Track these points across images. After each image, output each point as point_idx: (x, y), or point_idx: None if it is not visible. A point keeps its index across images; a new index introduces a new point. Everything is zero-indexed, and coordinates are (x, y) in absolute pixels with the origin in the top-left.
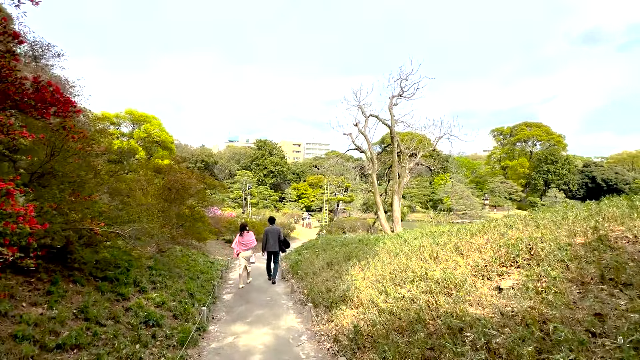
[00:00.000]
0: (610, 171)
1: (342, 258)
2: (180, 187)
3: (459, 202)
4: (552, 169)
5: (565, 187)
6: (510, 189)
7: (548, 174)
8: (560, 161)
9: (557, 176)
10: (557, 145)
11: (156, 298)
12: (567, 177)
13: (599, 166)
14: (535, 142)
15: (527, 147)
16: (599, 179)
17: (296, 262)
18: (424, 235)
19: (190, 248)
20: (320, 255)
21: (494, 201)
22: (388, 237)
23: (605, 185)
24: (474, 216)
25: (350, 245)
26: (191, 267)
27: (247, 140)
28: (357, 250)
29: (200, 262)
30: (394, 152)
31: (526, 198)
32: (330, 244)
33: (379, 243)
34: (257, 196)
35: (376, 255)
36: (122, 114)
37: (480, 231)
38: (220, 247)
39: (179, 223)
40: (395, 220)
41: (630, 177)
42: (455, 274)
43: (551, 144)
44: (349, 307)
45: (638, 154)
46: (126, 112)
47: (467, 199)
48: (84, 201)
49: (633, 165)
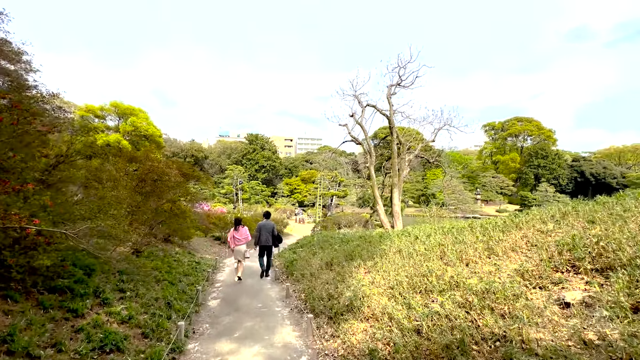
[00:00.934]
0: (598, 166)
1: (344, 258)
2: (157, 178)
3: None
4: (543, 164)
5: (555, 182)
6: (502, 184)
7: (539, 169)
8: (550, 156)
9: (547, 171)
10: (547, 140)
11: (122, 312)
12: (557, 171)
13: (588, 161)
14: (526, 137)
15: (518, 142)
16: (587, 173)
17: (291, 261)
18: (439, 231)
19: (174, 246)
20: (318, 254)
21: (485, 195)
22: (395, 234)
23: (594, 179)
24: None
25: (351, 242)
26: (173, 269)
27: (238, 135)
28: (360, 249)
29: (184, 263)
30: (392, 143)
31: (517, 192)
32: (328, 242)
33: (386, 241)
34: (248, 191)
35: (384, 255)
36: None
37: (512, 226)
38: (209, 244)
39: (158, 220)
40: (395, 215)
41: (617, 171)
42: (499, 281)
43: (541, 138)
44: (358, 320)
45: (624, 149)
46: (111, 104)
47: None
48: (11, 192)
49: (619, 160)
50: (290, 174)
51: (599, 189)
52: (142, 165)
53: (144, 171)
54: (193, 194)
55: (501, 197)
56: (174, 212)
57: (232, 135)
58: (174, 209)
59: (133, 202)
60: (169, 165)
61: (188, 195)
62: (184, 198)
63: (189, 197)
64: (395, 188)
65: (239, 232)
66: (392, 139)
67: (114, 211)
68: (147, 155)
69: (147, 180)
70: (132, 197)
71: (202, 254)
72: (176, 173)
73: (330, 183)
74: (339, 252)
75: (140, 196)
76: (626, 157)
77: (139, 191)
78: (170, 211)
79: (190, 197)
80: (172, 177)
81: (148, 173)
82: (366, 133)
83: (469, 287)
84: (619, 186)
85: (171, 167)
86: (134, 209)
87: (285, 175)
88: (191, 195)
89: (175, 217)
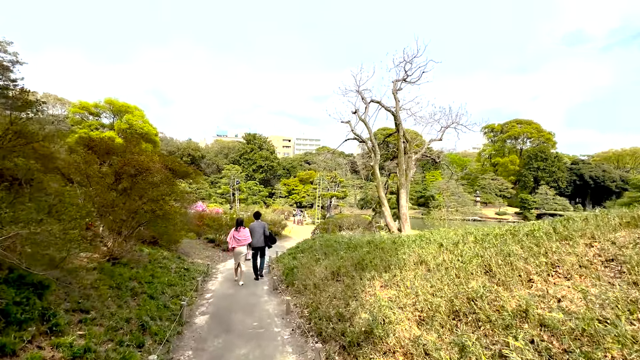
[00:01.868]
0: (597, 169)
1: (353, 267)
2: (135, 173)
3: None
4: (542, 166)
5: (555, 185)
6: (501, 186)
7: (538, 171)
8: (550, 158)
9: (546, 173)
10: (547, 143)
11: (76, 342)
12: (557, 174)
13: (587, 164)
14: (525, 140)
15: (517, 145)
16: (587, 176)
17: (291, 268)
18: (468, 237)
19: (162, 250)
20: (321, 261)
21: (484, 198)
22: (410, 240)
23: (593, 182)
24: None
25: (359, 249)
26: (156, 279)
27: (235, 135)
28: (371, 257)
29: (171, 270)
30: (399, 141)
31: (516, 195)
32: (332, 246)
33: (402, 248)
34: (245, 192)
35: (403, 266)
36: (102, 104)
37: (568, 234)
38: (202, 247)
39: (140, 222)
40: (403, 217)
41: (616, 174)
42: (595, 315)
43: (541, 141)
44: (381, 353)
45: (624, 152)
46: (106, 101)
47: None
48: None
49: (618, 164)
50: (288, 174)
51: (598, 192)
52: (120, 158)
53: (120, 164)
54: (182, 193)
55: (501, 199)
56: (157, 214)
57: (230, 134)
58: (157, 210)
59: (105, 202)
60: (152, 159)
61: (175, 194)
62: (170, 197)
63: (174, 195)
64: (402, 189)
65: (240, 232)
66: (399, 136)
67: (70, 212)
68: (127, 147)
69: (124, 176)
70: (104, 195)
71: (193, 258)
72: (160, 168)
73: (330, 184)
74: (346, 260)
75: (115, 194)
76: (625, 161)
77: (114, 188)
78: (152, 212)
79: (178, 196)
80: (155, 172)
81: (124, 166)
82: (370, 130)
83: (551, 324)
84: (618, 189)
85: (154, 161)
86: (109, 210)
87: (283, 175)
88: (178, 194)
89: (160, 218)
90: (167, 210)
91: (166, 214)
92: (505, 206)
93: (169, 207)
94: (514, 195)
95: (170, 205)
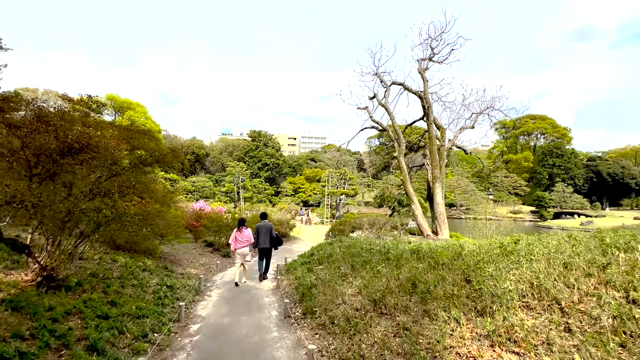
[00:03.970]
0: (616, 165)
1: (405, 293)
2: (65, 151)
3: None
4: (558, 163)
5: (571, 182)
6: (514, 183)
7: (553, 168)
8: (566, 155)
9: (562, 170)
10: (562, 139)
11: None
12: (574, 171)
13: (604, 160)
14: (539, 135)
15: (531, 141)
16: (604, 173)
17: (308, 287)
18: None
19: (142, 258)
20: (349, 279)
21: (497, 196)
22: (496, 254)
23: (611, 179)
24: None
25: (405, 262)
26: (117, 308)
27: (241, 134)
28: (435, 278)
29: (148, 288)
30: (430, 127)
31: (531, 193)
32: (360, 255)
33: (485, 266)
34: (251, 190)
35: (507, 302)
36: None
37: None
38: (198, 252)
39: (83, 226)
40: (440, 218)
41: (636, 171)
42: None
43: (556, 137)
44: None
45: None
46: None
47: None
48: None
49: (636, 160)
50: (294, 172)
51: (616, 190)
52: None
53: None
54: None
55: (514, 197)
56: (105, 215)
57: (235, 133)
58: (105, 209)
59: (15, 192)
60: (99, 128)
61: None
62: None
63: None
64: (437, 182)
65: (242, 233)
66: (429, 122)
67: None
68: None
69: (47, 153)
70: (15, 184)
71: (185, 268)
72: (115, 145)
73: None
74: (389, 279)
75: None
76: None
77: (36, 174)
78: (97, 212)
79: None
80: (102, 149)
81: (32, 135)
82: (393, 116)
83: None
84: (638, 187)
85: (104, 135)
86: (28, 205)
87: (289, 173)
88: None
89: (115, 222)
90: (124, 209)
91: (122, 214)
92: (519, 204)
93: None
94: (527, 193)
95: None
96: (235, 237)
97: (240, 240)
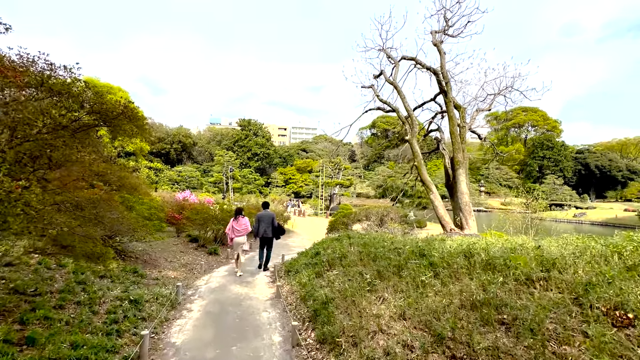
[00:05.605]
0: (603, 158)
1: (480, 318)
2: None
3: None
4: (549, 155)
5: (560, 174)
6: (505, 175)
7: (544, 160)
8: (556, 147)
9: (552, 162)
10: (552, 131)
11: None
12: (563, 163)
13: (592, 153)
14: (529, 128)
15: (522, 133)
16: (592, 165)
17: (322, 302)
18: None
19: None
20: (378, 290)
21: (488, 188)
22: (627, 269)
23: (599, 172)
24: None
25: (463, 270)
26: (40, 345)
27: (229, 123)
28: (524, 298)
29: (103, 303)
30: (449, 106)
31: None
32: (385, 256)
33: (595, 287)
34: (240, 180)
35: None
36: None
37: None
38: (179, 249)
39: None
40: (466, 209)
41: (623, 164)
42: None
43: (546, 129)
44: None
45: (627, 142)
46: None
47: None
48: None
49: (622, 153)
50: (285, 163)
51: (604, 182)
52: None
53: None
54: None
55: (506, 189)
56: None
57: (223, 122)
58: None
59: None
60: None
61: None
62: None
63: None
64: (461, 168)
65: (238, 222)
66: (448, 100)
67: None
68: None
69: None
70: None
71: (161, 270)
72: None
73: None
74: (449, 297)
75: None
76: (628, 150)
77: None
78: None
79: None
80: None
81: None
82: (403, 95)
83: None
84: (624, 179)
85: None
86: None
87: (280, 164)
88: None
89: (11, 216)
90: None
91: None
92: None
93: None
94: (518, 184)
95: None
96: (231, 226)
97: (237, 229)
